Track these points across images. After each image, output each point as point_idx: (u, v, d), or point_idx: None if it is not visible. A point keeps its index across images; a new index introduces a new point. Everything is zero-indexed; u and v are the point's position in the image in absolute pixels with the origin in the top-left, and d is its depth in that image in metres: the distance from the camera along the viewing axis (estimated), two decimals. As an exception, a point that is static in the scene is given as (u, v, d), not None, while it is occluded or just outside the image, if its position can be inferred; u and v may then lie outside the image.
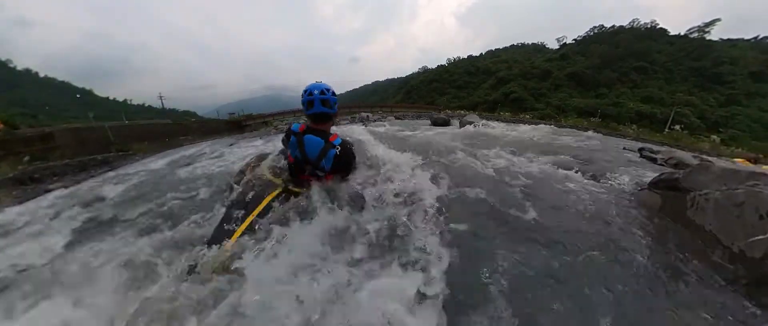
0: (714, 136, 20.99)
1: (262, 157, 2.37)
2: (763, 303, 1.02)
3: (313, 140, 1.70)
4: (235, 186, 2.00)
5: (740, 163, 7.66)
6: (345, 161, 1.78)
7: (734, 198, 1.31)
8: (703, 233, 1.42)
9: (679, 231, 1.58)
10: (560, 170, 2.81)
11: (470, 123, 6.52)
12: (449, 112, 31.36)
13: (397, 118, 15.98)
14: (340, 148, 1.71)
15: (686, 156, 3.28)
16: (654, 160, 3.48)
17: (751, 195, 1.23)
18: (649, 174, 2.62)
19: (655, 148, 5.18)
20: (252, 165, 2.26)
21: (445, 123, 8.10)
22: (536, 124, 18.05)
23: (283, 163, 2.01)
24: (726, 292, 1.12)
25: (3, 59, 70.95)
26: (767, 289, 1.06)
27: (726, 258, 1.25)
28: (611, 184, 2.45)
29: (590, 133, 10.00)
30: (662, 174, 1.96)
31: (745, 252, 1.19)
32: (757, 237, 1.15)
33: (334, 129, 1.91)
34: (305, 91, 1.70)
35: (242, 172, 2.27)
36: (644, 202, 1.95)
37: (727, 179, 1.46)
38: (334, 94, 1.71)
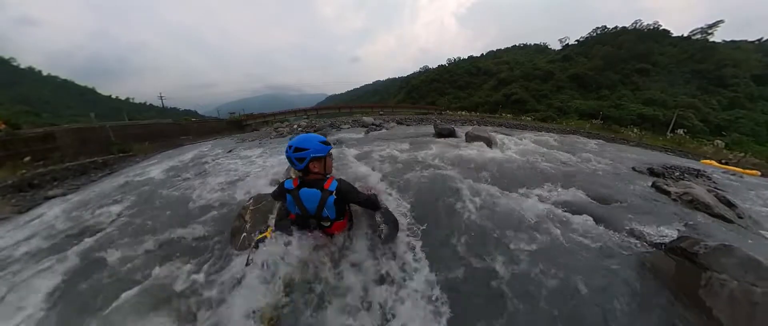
0: (717, 140, 20.83)
1: (259, 200, 2.33)
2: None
3: (308, 193, 1.68)
4: (239, 241, 1.99)
5: (708, 164, 8.76)
6: (348, 198, 1.78)
7: (751, 295, 1.33)
8: (710, 317, 1.44)
9: (685, 305, 1.58)
10: (566, 214, 2.61)
11: (481, 139, 6.37)
12: (450, 112, 31.33)
13: (399, 122, 15.90)
14: (336, 193, 1.67)
15: (702, 193, 3.03)
16: (667, 194, 3.30)
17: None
18: (663, 224, 2.46)
19: (665, 168, 5.03)
20: (251, 209, 2.23)
21: (451, 134, 8.01)
22: (538, 129, 17.98)
23: (286, 219, 1.96)
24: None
25: (6, 57, 71.00)
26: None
27: None
28: (621, 236, 2.29)
29: (592, 145, 9.80)
30: (682, 239, 1.88)
31: None
32: None
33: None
34: (289, 147, 1.71)
35: (241, 216, 2.25)
36: (657, 267, 1.87)
37: (748, 269, 1.44)
38: (297, 149, 1.67)
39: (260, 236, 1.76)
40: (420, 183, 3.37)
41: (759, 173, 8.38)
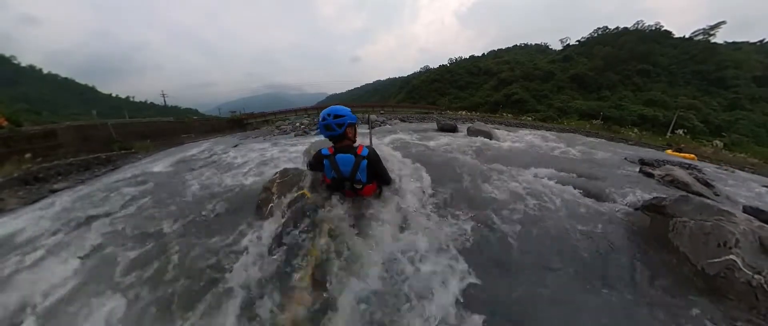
0: (717, 141, 20.86)
1: (285, 173, 2.38)
2: (711, 306, 1.43)
3: (344, 158, 1.90)
4: (266, 209, 2.11)
5: (670, 154, 10.19)
6: (375, 166, 1.98)
7: (704, 228, 1.66)
8: (677, 253, 1.75)
9: (659, 249, 1.87)
10: (562, 186, 2.91)
11: (482, 134, 6.50)
12: (451, 112, 31.38)
13: (401, 119, 16.11)
14: (368, 158, 1.90)
15: (682, 174, 3.35)
16: (652, 176, 3.51)
17: (715, 228, 1.61)
18: (644, 195, 2.76)
19: (654, 159, 5.18)
20: (278, 181, 2.27)
21: (453, 129, 8.13)
22: (538, 128, 18.05)
23: (318, 184, 2.16)
24: (687, 298, 1.50)
25: (7, 55, 71.10)
26: (715, 297, 1.46)
27: (691, 274, 1.62)
28: (608, 204, 2.60)
29: (590, 141, 10.01)
30: (653, 198, 2.23)
31: (705, 269, 1.56)
32: (714, 260, 1.52)
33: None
34: (321, 118, 1.93)
35: (268, 189, 2.29)
36: (635, 222, 2.22)
37: (702, 210, 1.78)
38: (336, 116, 1.90)
39: (300, 193, 2.02)
40: (428, 161, 3.59)
41: (695, 157, 10.22)
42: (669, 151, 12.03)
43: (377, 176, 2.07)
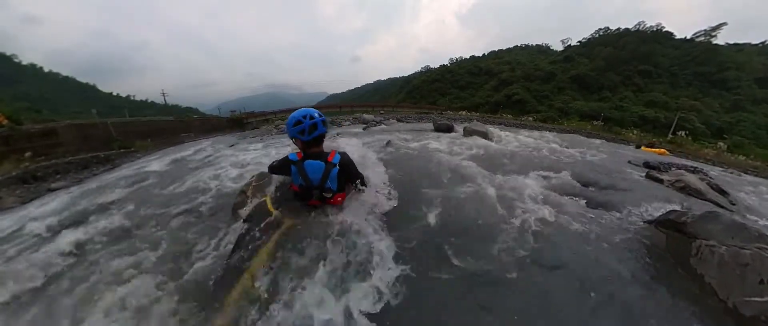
0: (720, 143, 20.78)
1: (262, 177, 2.40)
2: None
3: (313, 165, 1.74)
4: (240, 212, 2.12)
5: (649, 152, 9.88)
6: (348, 171, 1.85)
7: (740, 258, 1.33)
8: (701, 282, 1.46)
9: (679, 275, 1.59)
10: (562, 197, 2.63)
11: (478, 134, 6.27)
12: (451, 112, 31.30)
13: (398, 119, 16.03)
14: (339, 165, 1.75)
15: (694, 180, 3.05)
16: (660, 181, 3.31)
17: (757, 259, 1.28)
18: (655, 204, 2.49)
19: (659, 162, 4.98)
20: (253, 185, 2.29)
21: (449, 129, 7.96)
22: (538, 129, 17.96)
23: (286, 191, 2.04)
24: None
25: (8, 54, 71.17)
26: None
27: (719, 310, 1.33)
28: (615, 216, 2.33)
29: (591, 142, 9.77)
30: (670, 212, 1.91)
31: (738, 308, 1.26)
32: (753, 298, 1.22)
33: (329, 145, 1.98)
34: (304, 117, 1.72)
35: (244, 193, 2.32)
36: (648, 239, 1.90)
37: (735, 233, 1.46)
38: (320, 115, 1.81)
39: (262, 200, 1.92)
40: (412, 163, 3.44)
41: (667, 152, 10.28)
42: (644, 148, 12.52)
43: (353, 180, 1.93)
